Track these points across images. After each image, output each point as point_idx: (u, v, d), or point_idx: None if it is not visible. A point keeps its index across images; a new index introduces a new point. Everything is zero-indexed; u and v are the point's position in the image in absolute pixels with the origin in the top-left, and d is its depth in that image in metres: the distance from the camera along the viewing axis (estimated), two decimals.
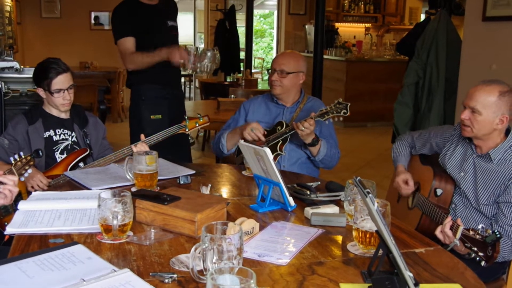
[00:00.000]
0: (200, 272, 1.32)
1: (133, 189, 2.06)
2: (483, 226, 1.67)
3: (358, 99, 8.13)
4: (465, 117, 2.15)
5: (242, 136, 2.63)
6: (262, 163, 1.95)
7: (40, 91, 2.64)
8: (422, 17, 10.01)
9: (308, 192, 2.05)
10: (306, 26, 10.59)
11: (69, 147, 2.67)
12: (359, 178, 1.40)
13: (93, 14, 9.64)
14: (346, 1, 11.07)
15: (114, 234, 1.58)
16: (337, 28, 10.53)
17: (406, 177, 2.46)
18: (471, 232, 1.68)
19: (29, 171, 2.25)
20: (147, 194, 1.79)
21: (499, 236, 1.59)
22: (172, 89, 3.50)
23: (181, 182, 2.25)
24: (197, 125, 2.73)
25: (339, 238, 1.71)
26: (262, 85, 8.49)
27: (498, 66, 4.12)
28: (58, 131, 2.67)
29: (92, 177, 2.25)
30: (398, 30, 10.96)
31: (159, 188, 2.12)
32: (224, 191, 2.23)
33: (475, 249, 1.64)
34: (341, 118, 2.56)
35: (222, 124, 4.12)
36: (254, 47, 13.63)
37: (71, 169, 2.53)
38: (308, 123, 2.52)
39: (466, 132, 2.19)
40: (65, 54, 6.63)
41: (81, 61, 8.99)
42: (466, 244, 1.68)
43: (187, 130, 2.70)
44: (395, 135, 5.51)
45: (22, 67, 4.83)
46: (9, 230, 1.66)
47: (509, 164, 2.10)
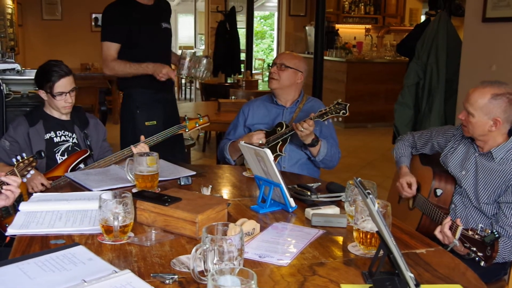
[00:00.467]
0: (201, 273, 1.33)
1: (134, 190, 2.06)
2: (482, 226, 1.67)
3: (359, 100, 8.16)
4: (461, 118, 2.20)
5: None
6: (263, 164, 1.95)
7: (42, 93, 2.64)
8: (422, 18, 10.00)
9: (309, 193, 2.05)
10: (307, 27, 10.59)
11: (70, 149, 2.67)
12: (360, 179, 1.41)
13: (94, 16, 9.66)
14: (347, 2, 11.08)
15: (115, 235, 1.58)
16: (338, 29, 10.54)
17: (411, 180, 2.44)
18: (470, 232, 1.68)
19: (32, 172, 2.25)
20: (148, 195, 1.79)
21: (498, 236, 1.59)
22: (165, 93, 3.38)
23: (182, 183, 2.25)
24: (197, 126, 2.73)
25: (340, 239, 1.71)
26: (263, 86, 8.47)
27: (498, 67, 4.12)
28: (59, 133, 2.67)
29: (93, 178, 2.26)
30: (399, 31, 10.96)
31: (160, 189, 2.12)
32: (225, 192, 2.23)
33: (474, 249, 1.65)
34: (340, 119, 2.57)
35: (223, 125, 4.14)
36: (255, 49, 13.65)
37: (72, 170, 2.53)
38: (308, 124, 2.52)
39: (465, 132, 2.24)
40: (66, 56, 6.68)
41: (82, 63, 9.01)
42: (465, 244, 1.69)
43: (187, 131, 2.70)
44: (396, 136, 5.51)
45: (23, 69, 4.84)
46: (10, 232, 1.66)
47: (511, 164, 2.11)
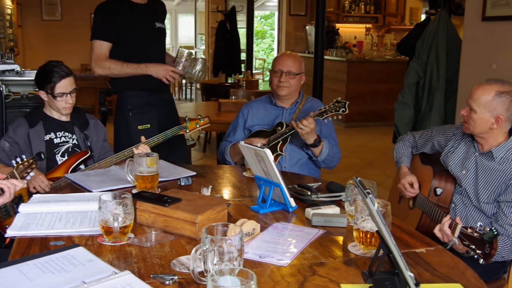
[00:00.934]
0: (201, 274, 1.33)
1: (134, 191, 2.06)
2: (481, 224, 1.67)
3: (359, 100, 8.15)
4: (463, 114, 2.20)
5: None
6: (263, 164, 1.95)
7: (42, 94, 2.64)
8: (423, 17, 10.00)
9: (309, 193, 2.05)
10: (307, 27, 10.59)
11: (70, 150, 2.67)
12: (359, 179, 1.40)
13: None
14: (347, 2, 11.07)
15: (115, 236, 1.58)
16: (338, 29, 10.53)
17: (412, 180, 2.44)
18: (469, 230, 1.68)
19: (32, 174, 2.25)
20: (148, 196, 1.79)
21: (496, 233, 1.59)
22: (160, 94, 3.25)
23: (182, 184, 2.25)
24: (198, 126, 2.73)
25: (340, 239, 1.71)
26: (263, 86, 8.46)
27: (498, 66, 4.12)
28: (59, 134, 2.67)
29: (93, 179, 2.26)
30: (399, 30, 10.95)
31: (160, 190, 2.11)
32: (225, 192, 2.23)
33: (473, 247, 1.65)
34: (340, 117, 2.57)
35: (223, 125, 4.13)
36: (255, 48, 13.66)
37: (72, 172, 2.53)
38: (307, 121, 2.52)
39: (465, 128, 2.23)
40: (66, 56, 6.67)
41: (82, 63, 9.01)
42: (464, 242, 1.69)
43: (188, 131, 2.70)
44: (396, 135, 5.52)
45: (23, 70, 4.84)
46: (10, 233, 1.66)
47: (511, 163, 2.10)
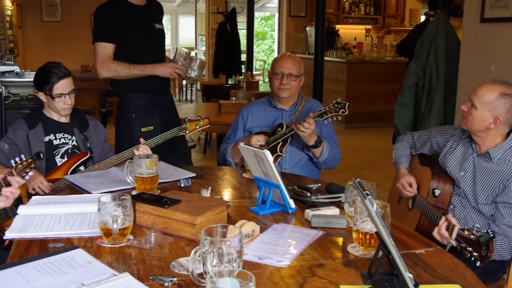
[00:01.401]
0: (200, 275, 1.32)
1: (134, 193, 2.06)
2: (478, 226, 1.67)
3: (359, 101, 8.15)
4: (464, 108, 2.20)
5: None
6: (262, 166, 1.95)
7: (41, 95, 2.64)
8: (422, 19, 10.00)
9: (309, 194, 2.05)
10: (307, 28, 10.59)
11: (70, 151, 2.67)
12: (359, 180, 1.40)
13: None
14: (347, 3, 11.08)
15: (114, 238, 1.58)
16: (338, 30, 10.54)
17: (410, 180, 2.45)
18: (466, 232, 1.69)
19: (30, 174, 2.25)
20: (148, 198, 1.79)
21: (492, 236, 1.60)
22: (162, 95, 3.25)
23: (182, 185, 2.24)
24: (198, 127, 2.74)
25: (340, 240, 1.71)
26: (264, 87, 8.47)
27: (497, 67, 4.12)
28: (58, 135, 2.67)
29: (93, 181, 2.26)
30: (399, 32, 10.96)
31: (160, 191, 2.11)
32: (225, 194, 2.22)
33: (470, 249, 1.65)
34: (340, 118, 2.57)
35: (223, 127, 4.13)
36: (255, 49, 13.67)
37: (72, 173, 2.53)
38: (308, 123, 2.52)
39: (463, 124, 2.24)
40: (66, 58, 6.67)
41: (83, 65, 9.02)
42: (461, 244, 1.69)
43: (188, 132, 2.70)
44: (396, 136, 5.51)
45: (23, 71, 4.82)
46: (9, 235, 1.66)
47: (509, 164, 2.10)
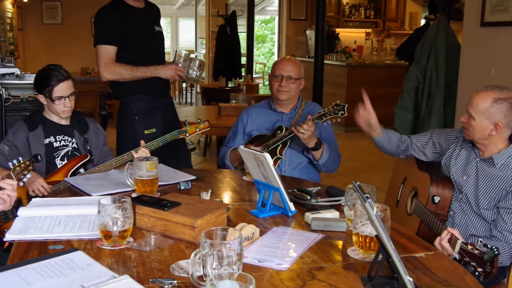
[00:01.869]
0: (200, 278, 1.32)
1: (134, 195, 2.06)
2: (481, 241, 1.64)
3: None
4: (463, 120, 2.20)
5: None
6: (262, 169, 1.95)
7: (41, 98, 2.65)
8: (422, 22, 10.02)
9: (309, 197, 2.05)
10: (307, 31, 10.60)
11: (70, 154, 2.67)
12: (358, 183, 1.41)
13: None
14: (347, 7, 11.10)
15: (114, 240, 1.58)
16: (338, 33, 10.56)
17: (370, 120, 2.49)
18: (470, 247, 1.64)
19: (28, 176, 2.25)
20: (147, 200, 1.79)
21: (497, 253, 1.56)
22: (162, 98, 3.26)
23: (182, 188, 2.25)
24: (198, 130, 2.74)
25: (340, 243, 1.70)
26: (264, 90, 8.47)
27: (497, 71, 4.13)
28: (59, 138, 2.67)
29: (93, 183, 2.26)
30: (399, 35, 10.97)
31: (160, 194, 2.12)
32: (225, 197, 2.22)
33: (474, 264, 1.61)
34: (339, 120, 2.58)
35: (223, 129, 4.13)
36: (255, 53, 13.66)
37: (72, 175, 2.53)
38: (307, 125, 2.52)
39: (465, 135, 2.24)
40: (67, 60, 6.68)
41: (83, 67, 9.02)
42: (465, 259, 1.65)
43: (187, 135, 2.71)
44: None
45: (23, 73, 4.83)
46: (9, 237, 1.66)
47: None
